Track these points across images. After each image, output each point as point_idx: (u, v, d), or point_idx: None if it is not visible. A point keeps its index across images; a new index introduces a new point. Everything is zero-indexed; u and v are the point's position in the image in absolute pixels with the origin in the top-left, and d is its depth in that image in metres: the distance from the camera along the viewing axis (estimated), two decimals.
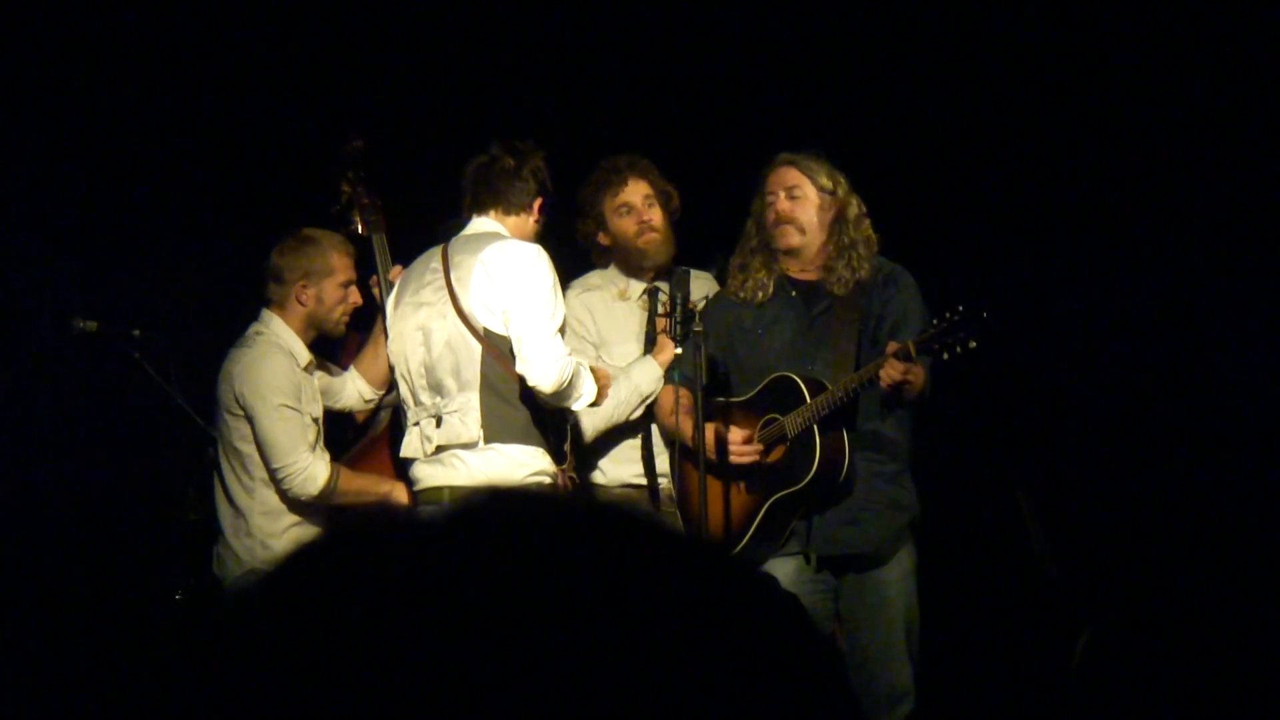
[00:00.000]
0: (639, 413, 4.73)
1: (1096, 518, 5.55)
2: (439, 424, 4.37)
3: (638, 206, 4.84)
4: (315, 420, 4.70)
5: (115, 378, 5.24)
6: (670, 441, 4.65)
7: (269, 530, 4.63)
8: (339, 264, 4.73)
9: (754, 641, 0.75)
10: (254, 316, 4.82)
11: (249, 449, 4.63)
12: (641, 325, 4.86)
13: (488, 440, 4.33)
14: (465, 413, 4.33)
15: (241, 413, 4.62)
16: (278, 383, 4.61)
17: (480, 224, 4.49)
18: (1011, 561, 5.47)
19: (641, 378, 4.69)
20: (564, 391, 4.23)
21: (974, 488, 5.73)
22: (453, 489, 4.33)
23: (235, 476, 4.67)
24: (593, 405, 4.44)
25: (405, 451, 4.50)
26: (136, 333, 4.88)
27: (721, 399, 4.51)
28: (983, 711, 5.33)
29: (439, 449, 4.38)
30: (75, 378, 5.43)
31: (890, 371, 4.07)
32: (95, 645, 5.02)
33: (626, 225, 4.85)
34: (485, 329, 4.32)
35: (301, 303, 4.71)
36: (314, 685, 0.70)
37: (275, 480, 4.59)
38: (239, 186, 5.70)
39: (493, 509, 0.79)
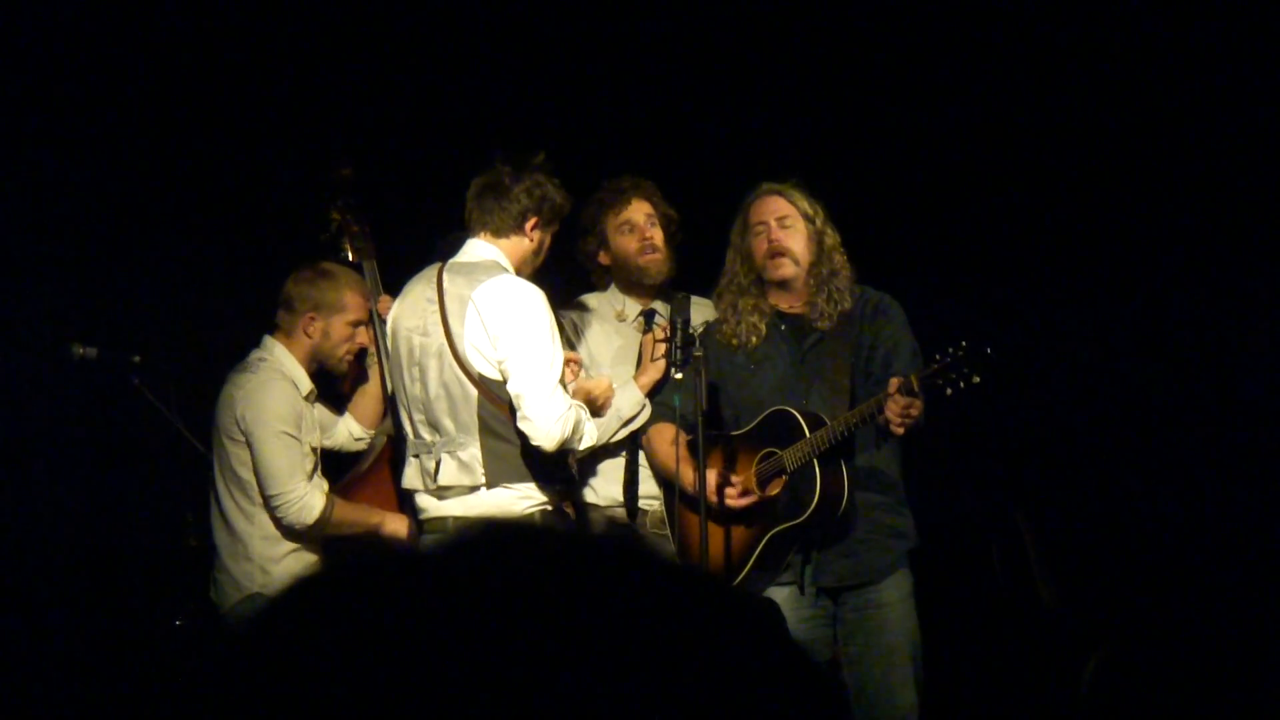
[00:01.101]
0: (621, 435, 4.71)
1: (1098, 544, 5.54)
2: (440, 465, 4.33)
3: (640, 225, 4.82)
4: (314, 449, 4.69)
5: (114, 404, 5.23)
6: (665, 481, 4.61)
7: (268, 555, 4.61)
8: (351, 302, 4.71)
9: (749, 670, 0.75)
10: (252, 342, 4.81)
11: (249, 474, 4.61)
12: (637, 346, 4.84)
13: (491, 484, 4.28)
14: (467, 455, 4.28)
15: (242, 438, 4.61)
16: (280, 410, 4.60)
17: (474, 248, 4.40)
18: (1012, 588, 5.46)
19: (623, 401, 4.66)
20: (566, 442, 4.20)
21: (975, 514, 5.73)
22: (456, 519, 4.30)
23: (234, 501, 4.65)
24: (595, 415, 4.41)
25: (407, 483, 4.47)
26: (136, 359, 4.89)
27: (716, 432, 4.49)
28: None
29: (441, 489, 4.34)
30: (74, 404, 5.43)
31: (894, 408, 4.04)
32: (95, 673, 5.01)
33: (628, 243, 4.83)
34: (480, 375, 4.26)
35: (308, 335, 4.70)
36: (312, 716, 0.69)
37: (271, 508, 4.58)
38: (233, 213, 5.71)
39: (488, 542, 0.79)
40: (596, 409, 4.40)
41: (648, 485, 4.75)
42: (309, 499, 4.55)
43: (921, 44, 5.83)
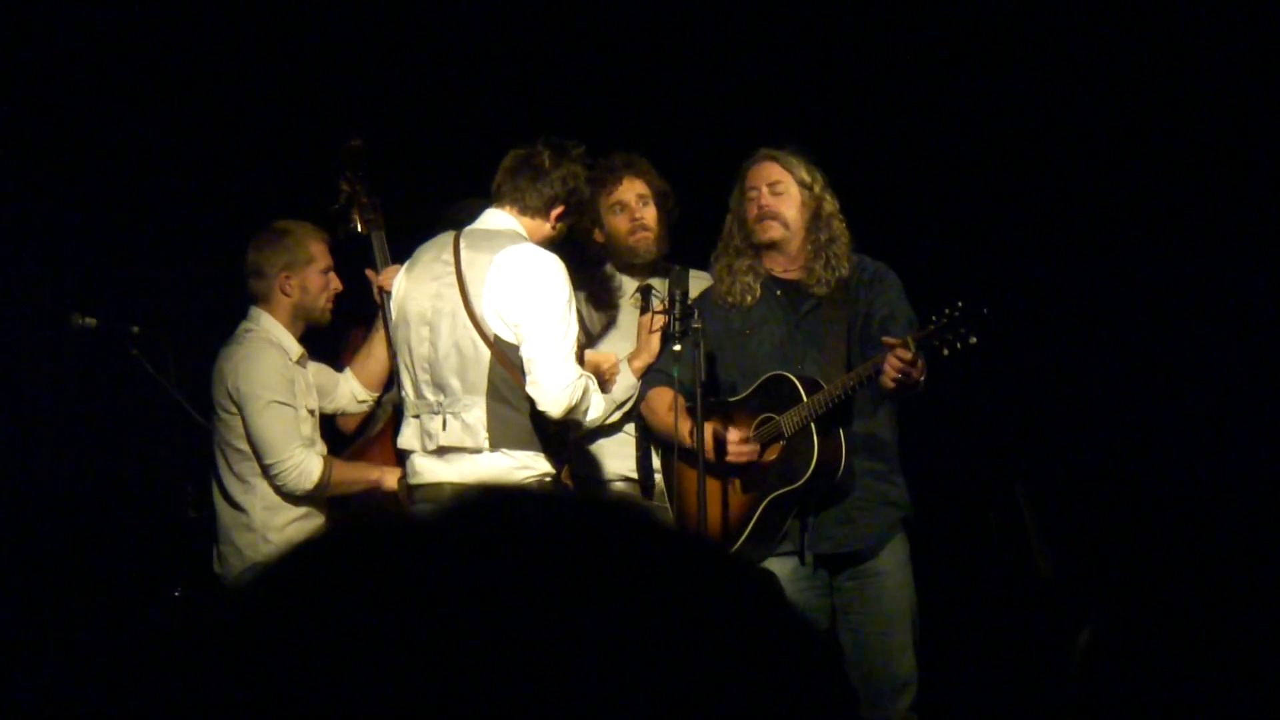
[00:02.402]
0: (616, 417, 4.73)
1: (1096, 516, 5.55)
2: (444, 425, 4.33)
3: (631, 204, 4.84)
4: (311, 412, 4.70)
5: (114, 374, 5.24)
6: (664, 446, 4.63)
7: (271, 524, 4.62)
8: (317, 251, 4.72)
9: (749, 636, 0.75)
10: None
11: (246, 445, 4.63)
12: (633, 323, 4.86)
13: (493, 447, 4.29)
14: (471, 416, 4.29)
15: (236, 410, 4.62)
16: (270, 379, 4.60)
17: (494, 217, 4.40)
18: (1010, 559, 5.48)
19: (615, 386, 4.69)
20: (572, 411, 4.20)
21: (973, 485, 5.73)
22: (454, 485, 4.30)
23: (233, 473, 4.66)
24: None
25: (403, 443, 4.47)
26: (135, 329, 4.89)
27: (714, 399, 4.50)
28: (981, 710, 5.34)
29: (442, 449, 4.35)
30: (73, 374, 5.43)
31: (892, 367, 4.05)
32: (94, 643, 5.02)
33: (619, 223, 4.86)
34: (496, 336, 4.27)
35: (286, 293, 4.70)
36: (309, 682, 0.70)
37: (269, 477, 4.59)
38: (239, 184, 5.70)
39: (488, 506, 0.79)
40: (602, 383, 4.41)
41: (654, 460, 4.77)
42: (306, 465, 4.56)
43: (910, 12, 5.82)
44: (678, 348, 4.35)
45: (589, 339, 4.84)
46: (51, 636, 5.08)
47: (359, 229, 4.91)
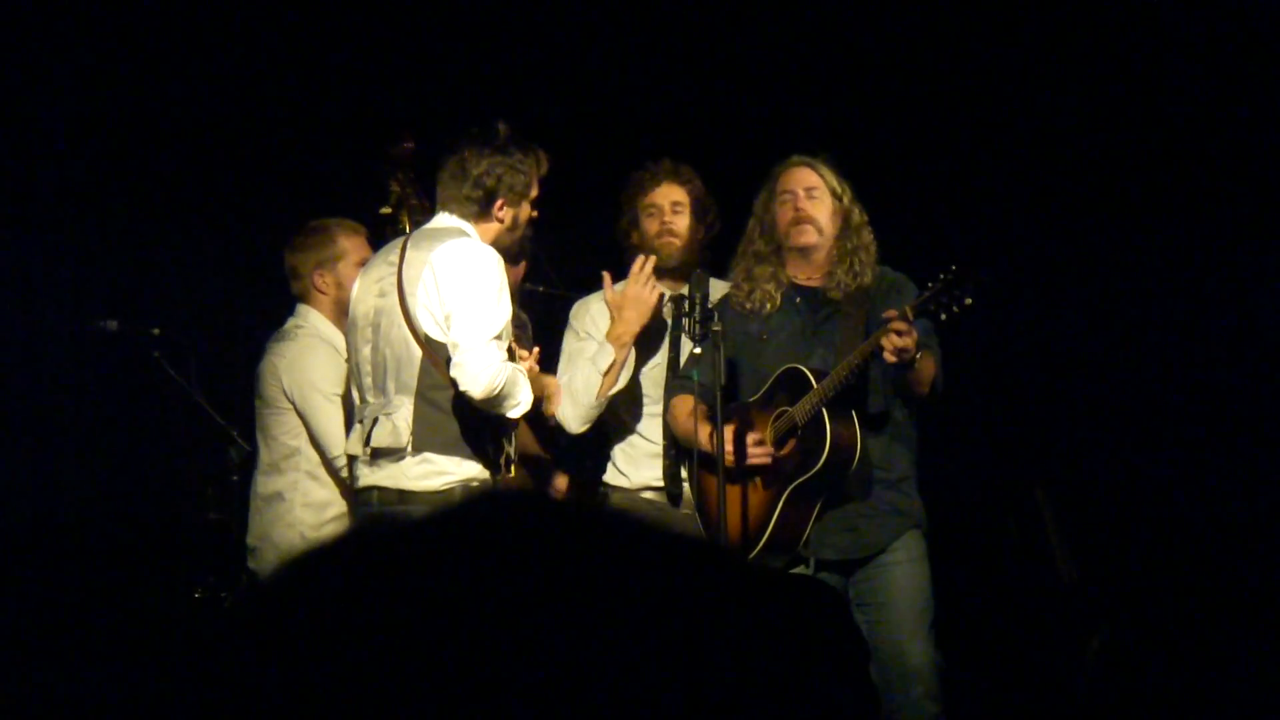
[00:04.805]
0: (619, 385, 4.65)
1: (1115, 519, 5.53)
2: (375, 424, 4.30)
3: (663, 208, 4.86)
4: None
5: (136, 377, 5.26)
6: (685, 450, 4.63)
7: (309, 522, 4.62)
8: (349, 245, 4.73)
9: (760, 642, 0.75)
10: (275, 315, 4.83)
11: (296, 442, 4.63)
12: (662, 328, 4.85)
13: (416, 449, 4.23)
14: (399, 418, 4.25)
15: (290, 406, 4.62)
16: (327, 373, 4.62)
17: (440, 218, 4.39)
18: (1030, 562, 5.47)
19: (598, 357, 4.66)
20: (495, 399, 4.13)
21: (993, 490, 5.73)
22: (381, 490, 4.27)
23: (277, 469, 4.66)
24: (553, 413, 4.36)
25: (349, 448, 4.45)
26: (157, 332, 4.91)
27: (733, 404, 4.51)
28: (1002, 714, 5.33)
29: (374, 451, 4.30)
30: (95, 377, 5.45)
31: (889, 341, 4.06)
32: (113, 644, 5.04)
33: (650, 225, 4.88)
34: (427, 335, 4.23)
35: (323, 291, 4.72)
36: (318, 680, 0.70)
37: (333, 471, 4.59)
38: (284, 186, 5.68)
39: (490, 510, 0.79)
40: (541, 398, 4.41)
41: (682, 470, 4.76)
42: None
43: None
44: (698, 350, 4.36)
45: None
46: (71, 637, 5.10)
47: (408, 230, 4.91)
